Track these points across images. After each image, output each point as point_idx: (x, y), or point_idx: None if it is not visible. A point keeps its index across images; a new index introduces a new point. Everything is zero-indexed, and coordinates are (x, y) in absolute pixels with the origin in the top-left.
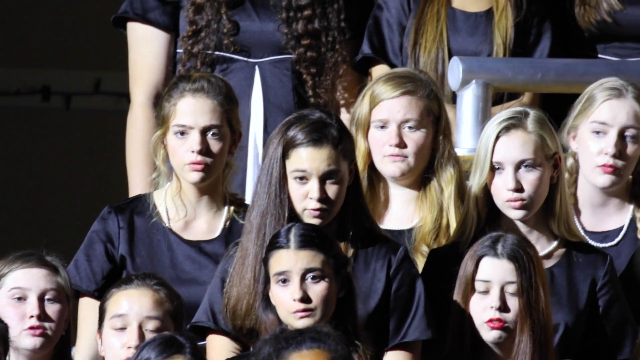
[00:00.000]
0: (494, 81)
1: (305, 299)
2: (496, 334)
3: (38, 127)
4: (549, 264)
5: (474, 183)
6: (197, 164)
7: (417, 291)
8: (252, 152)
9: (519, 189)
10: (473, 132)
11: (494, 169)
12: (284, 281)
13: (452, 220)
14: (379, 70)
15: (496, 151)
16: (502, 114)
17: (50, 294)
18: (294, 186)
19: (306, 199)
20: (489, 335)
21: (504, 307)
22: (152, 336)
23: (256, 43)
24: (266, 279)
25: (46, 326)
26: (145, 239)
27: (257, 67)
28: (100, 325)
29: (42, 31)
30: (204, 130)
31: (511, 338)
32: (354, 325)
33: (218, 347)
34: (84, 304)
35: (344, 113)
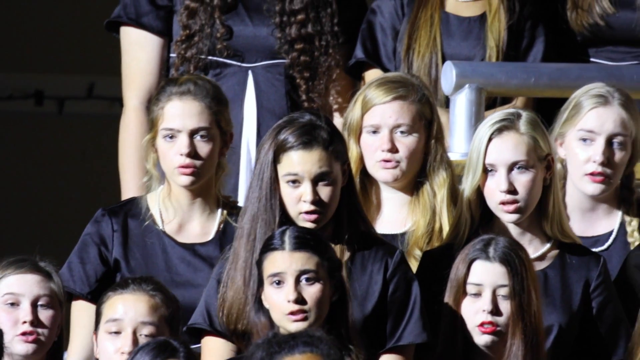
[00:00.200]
0: (487, 85)
1: (300, 300)
2: (488, 338)
3: (31, 131)
4: (542, 265)
5: (467, 185)
6: (186, 167)
7: (413, 294)
8: (245, 157)
9: (511, 190)
10: (466, 136)
11: (486, 171)
12: (278, 283)
13: (445, 223)
14: (372, 74)
15: (489, 153)
16: (495, 116)
17: (43, 299)
18: (286, 190)
19: (300, 202)
20: (481, 339)
21: (496, 310)
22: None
23: (249, 48)
24: (259, 281)
25: (39, 332)
26: (139, 241)
27: (250, 72)
28: (96, 327)
29: (35, 36)
30: (192, 133)
31: (503, 341)
32: (347, 328)
33: (214, 349)
34: (77, 307)
35: (337, 117)
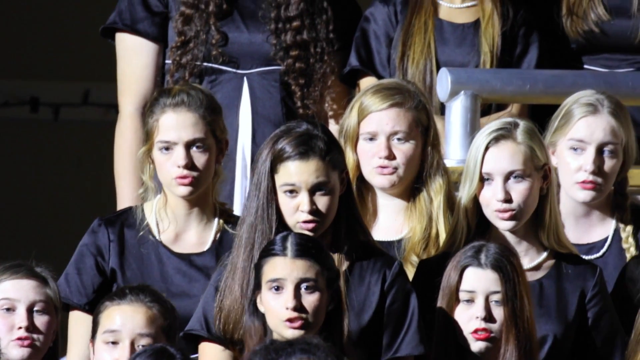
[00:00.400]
0: (483, 92)
1: (299, 308)
2: (482, 344)
3: (27, 138)
4: (538, 275)
5: (464, 194)
6: (184, 178)
7: (411, 306)
8: (240, 164)
9: (508, 199)
10: (462, 143)
11: (483, 179)
12: (277, 288)
13: (442, 230)
14: (366, 82)
15: (485, 162)
16: (492, 125)
17: (39, 305)
18: (284, 200)
19: (297, 212)
20: (475, 346)
21: (489, 317)
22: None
23: (245, 54)
24: (256, 285)
25: (34, 337)
26: (135, 252)
27: (245, 78)
28: (93, 336)
29: (31, 42)
30: (188, 145)
31: (497, 347)
32: (341, 339)
33: (211, 355)
34: (74, 318)
35: (332, 124)
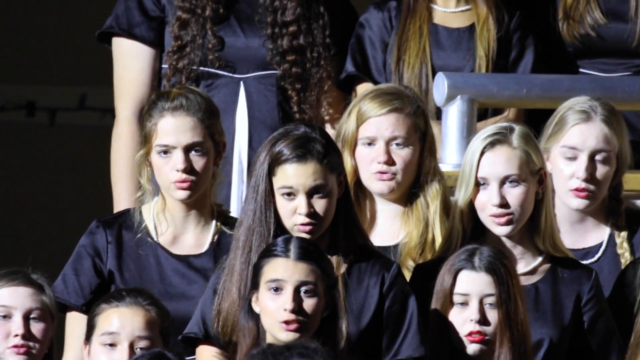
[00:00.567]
0: (479, 97)
1: (297, 310)
2: (477, 347)
3: (23, 142)
4: (533, 279)
5: (459, 198)
6: (183, 182)
7: (410, 308)
8: (237, 168)
9: (504, 204)
10: (458, 147)
11: (478, 184)
12: (276, 289)
13: (438, 235)
14: (363, 88)
15: (481, 167)
16: (487, 130)
17: (35, 313)
18: (282, 202)
19: (295, 215)
20: (469, 349)
21: (483, 319)
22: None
23: (241, 59)
24: (253, 285)
25: (30, 345)
26: (133, 253)
27: (242, 83)
28: (88, 338)
29: (27, 47)
30: (186, 149)
31: (491, 350)
32: (335, 346)
33: (208, 358)
34: (72, 319)
35: (329, 129)
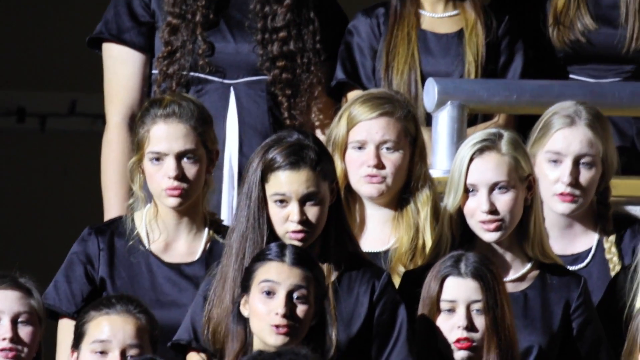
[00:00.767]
0: (470, 102)
1: (289, 315)
2: (465, 354)
3: (13, 148)
4: (522, 286)
5: (448, 204)
6: (174, 190)
7: (400, 318)
8: (227, 174)
9: (493, 210)
10: (448, 153)
11: (467, 190)
12: (269, 293)
13: (428, 240)
14: (353, 95)
15: (470, 173)
16: (476, 136)
17: (23, 316)
18: (274, 209)
19: (287, 222)
20: (457, 356)
21: (471, 326)
22: None
23: (231, 64)
24: (244, 288)
25: (19, 349)
26: (125, 261)
27: (232, 88)
28: (77, 345)
29: (17, 52)
30: (178, 156)
31: (478, 356)
32: (322, 356)
33: None
34: (64, 326)
35: (319, 134)
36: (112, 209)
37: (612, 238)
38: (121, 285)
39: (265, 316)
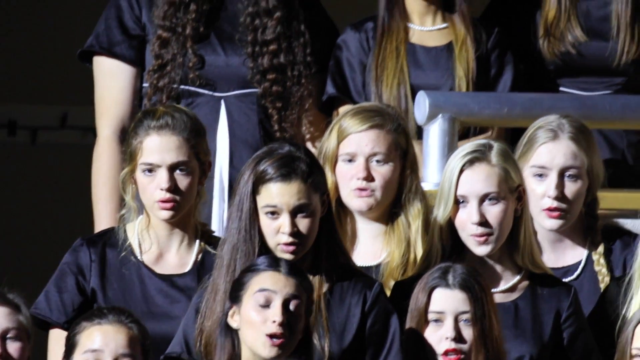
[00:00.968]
0: (461, 115)
1: (285, 324)
2: None
3: (4, 161)
4: (513, 296)
5: (438, 216)
6: (167, 202)
7: (392, 328)
8: (218, 186)
9: (483, 222)
10: (439, 166)
11: (458, 202)
12: (264, 302)
13: (420, 254)
14: (344, 109)
15: (460, 184)
16: (466, 147)
17: (12, 332)
18: (265, 221)
19: (278, 234)
20: None
21: (459, 337)
22: None
23: (222, 77)
24: (233, 299)
25: None
26: (117, 272)
27: (222, 101)
28: (69, 356)
29: (8, 65)
30: (171, 168)
31: None
32: None
33: None
34: (54, 336)
35: (310, 147)
36: (102, 221)
37: (601, 250)
38: (113, 296)
39: (261, 325)
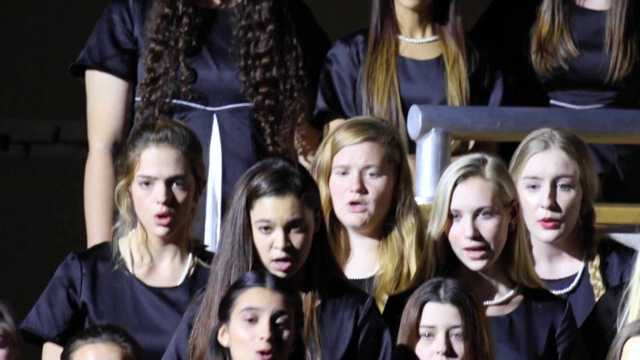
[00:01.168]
0: (453, 129)
1: (273, 339)
2: None
3: None
4: (507, 310)
5: (432, 230)
6: (163, 217)
7: (384, 342)
8: (210, 201)
9: (477, 236)
10: (432, 180)
11: (451, 216)
12: (251, 320)
13: (413, 268)
14: (335, 124)
15: (454, 199)
16: (460, 162)
17: None
18: (259, 236)
19: (272, 249)
20: None
21: (450, 351)
22: None
23: (214, 91)
24: (222, 317)
25: None
26: (108, 285)
27: (215, 116)
28: None
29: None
30: (168, 181)
31: None
32: None
33: None
34: (48, 350)
35: (302, 161)
36: (95, 235)
37: (597, 263)
38: (104, 309)
39: (250, 342)
